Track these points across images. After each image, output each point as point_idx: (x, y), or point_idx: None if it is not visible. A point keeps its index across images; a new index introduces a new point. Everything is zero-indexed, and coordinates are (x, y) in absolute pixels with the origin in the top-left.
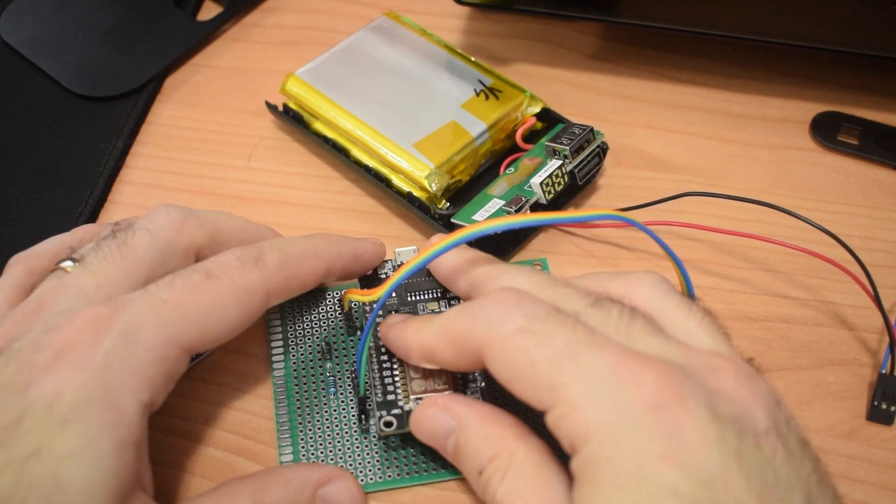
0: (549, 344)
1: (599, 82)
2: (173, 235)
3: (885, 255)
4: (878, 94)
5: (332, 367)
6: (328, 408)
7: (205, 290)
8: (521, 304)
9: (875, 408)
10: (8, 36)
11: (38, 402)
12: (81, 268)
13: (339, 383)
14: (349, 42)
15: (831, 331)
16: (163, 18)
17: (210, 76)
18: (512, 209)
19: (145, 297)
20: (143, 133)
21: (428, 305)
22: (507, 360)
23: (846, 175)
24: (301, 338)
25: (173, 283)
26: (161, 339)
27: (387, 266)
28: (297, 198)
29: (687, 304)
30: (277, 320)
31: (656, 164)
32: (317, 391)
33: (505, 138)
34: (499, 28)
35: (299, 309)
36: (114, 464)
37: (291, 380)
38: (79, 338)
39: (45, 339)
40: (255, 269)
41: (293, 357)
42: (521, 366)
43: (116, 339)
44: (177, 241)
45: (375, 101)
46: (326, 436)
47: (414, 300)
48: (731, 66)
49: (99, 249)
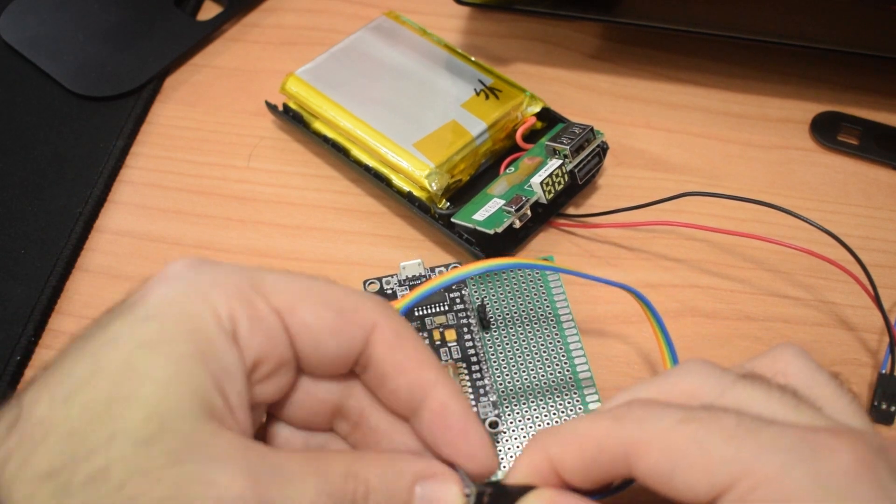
0: (720, 425)
1: (599, 82)
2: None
3: (885, 254)
4: (878, 94)
5: None
6: None
7: None
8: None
9: (875, 408)
10: (8, 36)
11: (127, 303)
12: None
13: None
14: (349, 42)
15: (831, 331)
16: (163, 18)
17: (210, 76)
18: (512, 209)
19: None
20: (143, 133)
21: (435, 319)
22: (668, 452)
23: (846, 175)
24: None
25: None
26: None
27: (392, 281)
28: (297, 197)
29: (837, 382)
30: None
31: (656, 164)
32: None
33: (505, 138)
34: (499, 28)
35: None
36: (190, 367)
37: None
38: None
39: None
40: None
41: None
42: (688, 452)
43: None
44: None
45: (375, 101)
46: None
47: (421, 314)
48: (731, 66)
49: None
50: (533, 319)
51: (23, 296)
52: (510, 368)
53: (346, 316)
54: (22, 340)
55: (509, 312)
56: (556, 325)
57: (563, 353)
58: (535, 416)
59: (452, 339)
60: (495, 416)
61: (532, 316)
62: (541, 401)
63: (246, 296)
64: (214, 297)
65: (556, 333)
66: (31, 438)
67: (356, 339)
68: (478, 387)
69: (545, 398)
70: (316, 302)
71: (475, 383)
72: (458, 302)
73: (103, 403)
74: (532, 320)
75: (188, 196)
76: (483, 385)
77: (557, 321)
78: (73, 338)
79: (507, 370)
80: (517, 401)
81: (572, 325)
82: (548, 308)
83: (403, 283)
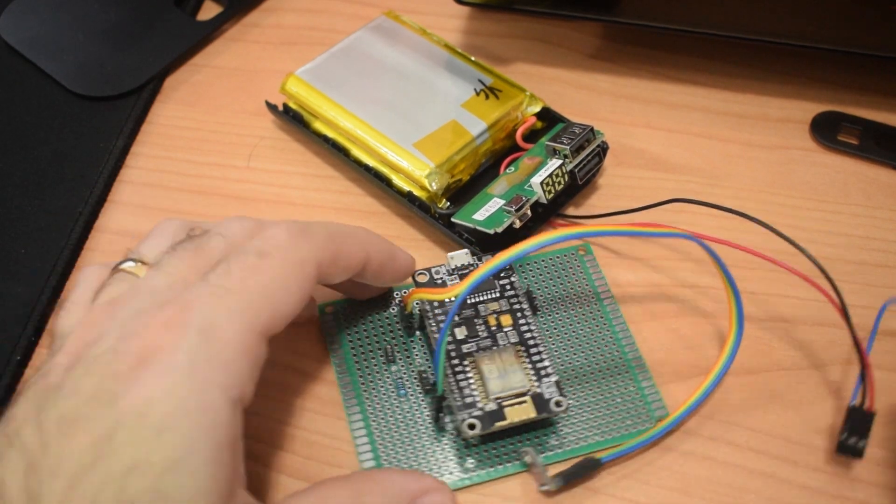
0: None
1: (599, 82)
2: (244, 239)
3: (885, 255)
4: (878, 94)
5: (397, 370)
6: (401, 410)
7: (262, 269)
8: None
9: (842, 444)
10: (8, 36)
11: (128, 413)
12: (156, 269)
13: (409, 385)
14: (349, 42)
15: (831, 331)
16: (163, 18)
17: (210, 76)
18: (512, 209)
19: (208, 289)
20: (143, 133)
21: (489, 306)
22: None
23: (846, 175)
24: (360, 345)
25: (230, 269)
26: (239, 330)
27: (441, 270)
28: (297, 197)
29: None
30: (333, 328)
31: (656, 164)
32: (386, 395)
33: (505, 138)
34: (499, 28)
35: (353, 317)
36: (213, 469)
37: (359, 386)
38: (158, 342)
39: (123, 346)
40: (304, 240)
41: (357, 364)
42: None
43: (196, 338)
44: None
45: (375, 101)
46: (404, 437)
47: (474, 301)
48: (731, 66)
49: (173, 253)
50: (577, 302)
51: (23, 296)
52: (563, 351)
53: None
54: (22, 340)
55: (553, 297)
56: (600, 306)
57: (609, 334)
58: (595, 396)
59: (509, 324)
60: (560, 396)
61: (575, 299)
62: (595, 380)
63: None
64: (221, 378)
65: (599, 314)
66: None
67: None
68: (538, 369)
69: (599, 378)
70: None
71: (535, 365)
72: (508, 288)
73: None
74: (576, 303)
75: (188, 196)
76: (544, 367)
77: (599, 302)
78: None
79: (560, 353)
80: (575, 382)
81: (614, 304)
82: (588, 290)
83: (453, 273)
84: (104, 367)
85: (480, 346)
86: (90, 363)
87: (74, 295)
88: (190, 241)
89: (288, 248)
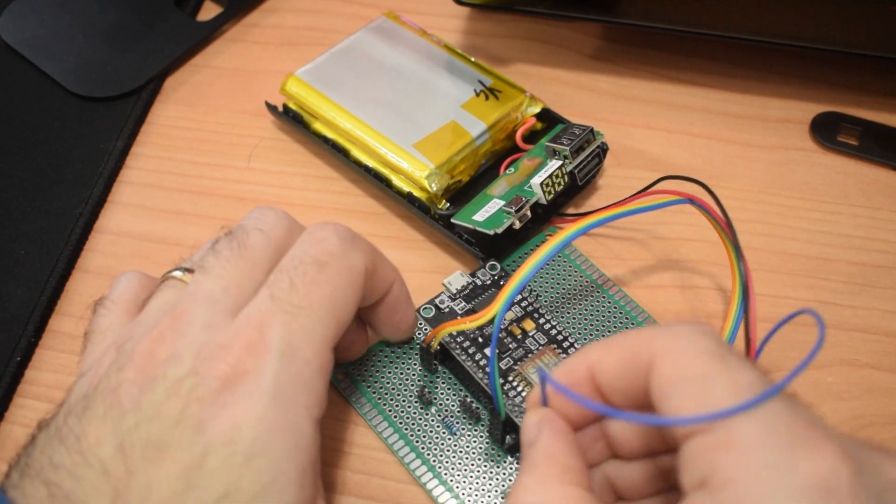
0: (733, 379)
1: (599, 82)
2: (284, 233)
3: (885, 255)
4: (878, 94)
5: (437, 410)
6: (459, 446)
7: (324, 281)
8: (709, 329)
9: None
10: (8, 36)
11: (217, 439)
12: (203, 273)
13: (456, 420)
14: (349, 42)
15: (831, 331)
16: (163, 18)
17: (210, 76)
18: (512, 210)
19: (278, 306)
20: (143, 133)
21: (506, 317)
22: (680, 369)
23: (846, 175)
24: (386, 397)
25: (294, 283)
26: (316, 349)
27: (444, 299)
28: (297, 198)
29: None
30: (353, 389)
31: (656, 164)
32: (437, 435)
33: (505, 138)
34: (499, 28)
35: (369, 373)
36: (298, 490)
37: (407, 437)
38: (242, 366)
39: (206, 370)
40: (353, 247)
41: (393, 416)
42: (695, 381)
43: (279, 361)
44: (287, 238)
45: (375, 102)
46: (481, 471)
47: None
48: (731, 66)
49: (217, 253)
50: (581, 296)
51: (23, 296)
52: (591, 338)
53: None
54: (22, 341)
55: (556, 297)
56: (603, 293)
57: (623, 314)
58: None
59: (532, 328)
60: None
61: (578, 293)
62: None
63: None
64: (305, 399)
65: (606, 300)
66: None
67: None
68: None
69: None
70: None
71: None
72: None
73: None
74: (581, 297)
75: (188, 196)
76: None
77: (601, 289)
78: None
79: (588, 340)
80: None
81: (620, 291)
82: (586, 281)
83: (456, 297)
84: (188, 391)
85: (516, 358)
86: (170, 386)
87: (113, 294)
88: (228, 238)
89: (341, 256)
